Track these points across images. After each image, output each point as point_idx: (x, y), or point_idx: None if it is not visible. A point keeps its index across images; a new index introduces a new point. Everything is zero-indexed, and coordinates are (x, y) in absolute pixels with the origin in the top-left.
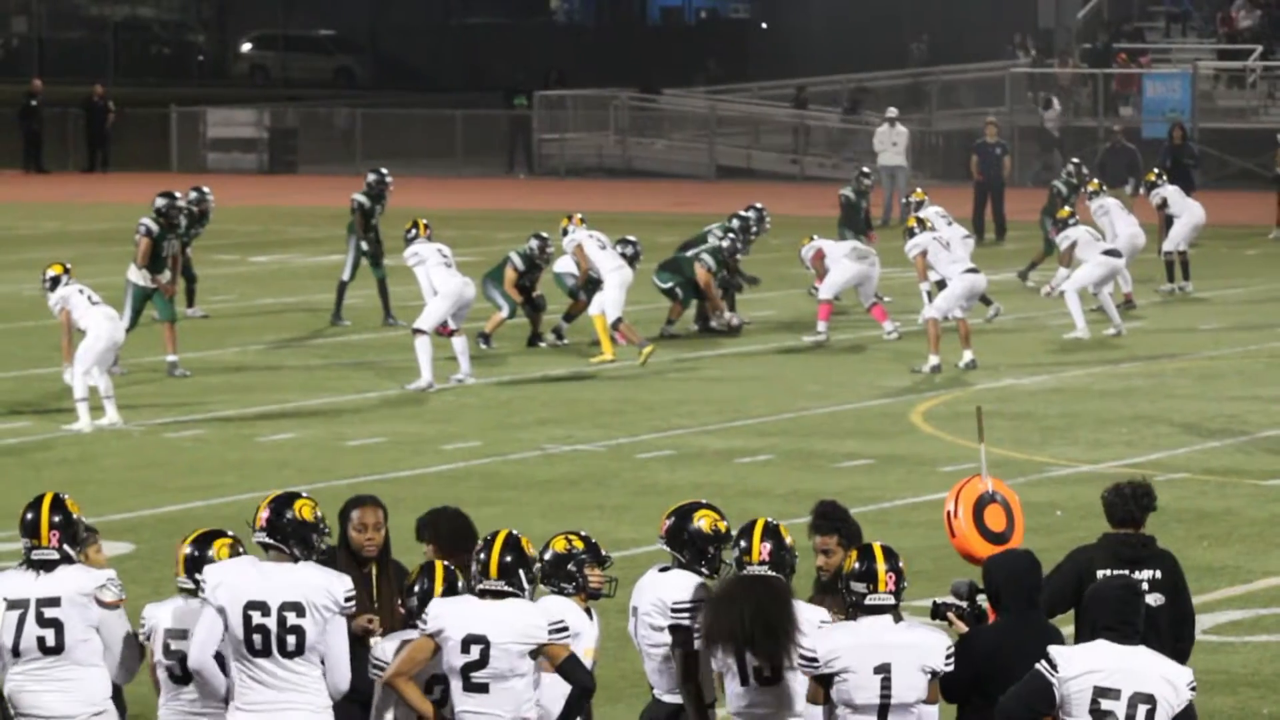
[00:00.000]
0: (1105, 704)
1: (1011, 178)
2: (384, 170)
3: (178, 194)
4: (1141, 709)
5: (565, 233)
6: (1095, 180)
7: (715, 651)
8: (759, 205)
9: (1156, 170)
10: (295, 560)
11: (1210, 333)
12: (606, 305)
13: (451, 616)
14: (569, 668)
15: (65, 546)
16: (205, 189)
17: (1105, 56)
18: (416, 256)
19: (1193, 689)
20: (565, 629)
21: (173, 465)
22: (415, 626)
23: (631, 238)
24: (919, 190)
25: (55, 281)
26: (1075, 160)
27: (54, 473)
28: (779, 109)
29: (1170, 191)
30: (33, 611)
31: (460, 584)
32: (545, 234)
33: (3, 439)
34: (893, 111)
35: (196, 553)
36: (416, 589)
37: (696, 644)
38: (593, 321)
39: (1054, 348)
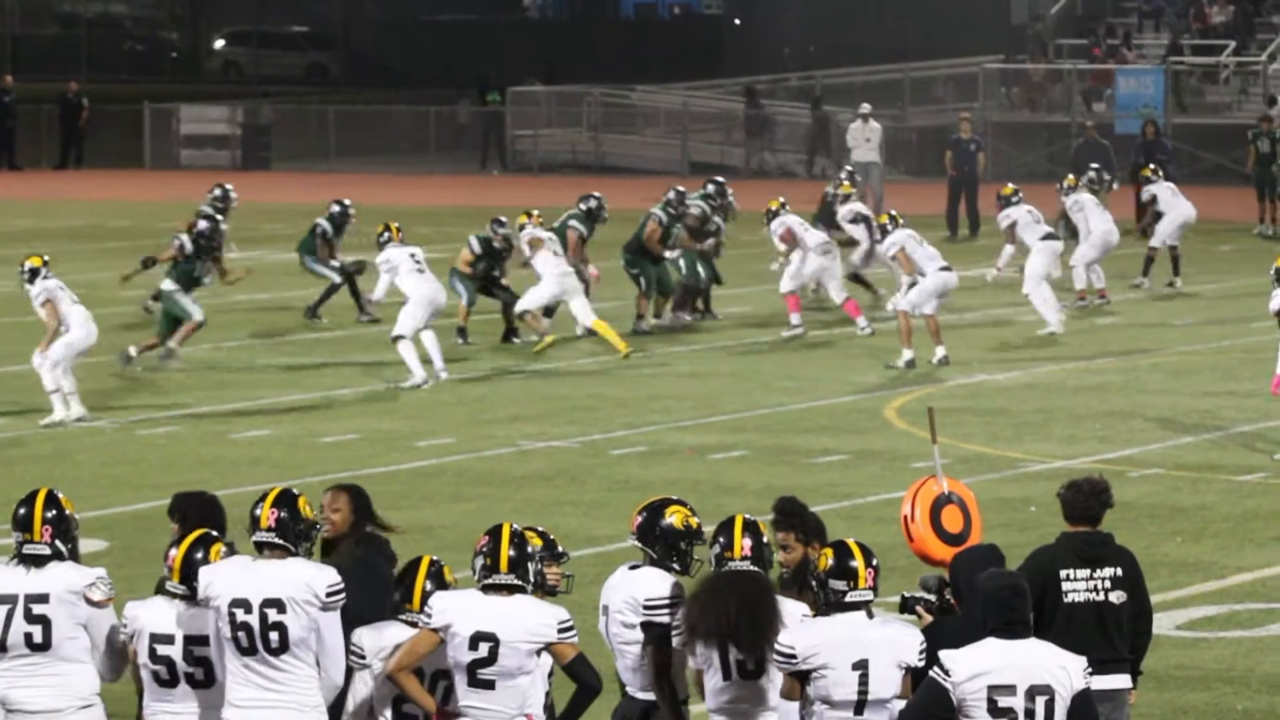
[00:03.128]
0: (1002, 701)
1: (985, 173)
2: (347, 202)
3: (221, 220)
4: (1040, 700)
5: (521, 228)
6: (1071, 176)
7: (697, 646)
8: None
9: (1152, 166)
10: (292, 556)
11: (1184, 328)
12: (528, 295)
13: (459, 612)
14: (577, 667)
15: (57, 542)
16: (228, 186)
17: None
18: (388, 263)
19: (1089, 674)
20: (572, 627)
21: (146, 462)
22: (401, 618)
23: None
24: (845, 183)
25: (34, 274)
26: (1095, 165)
27: (27, 469)
28: (752, 105)
29: (1161, 188)
30: (21, 607)
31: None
32: (504, 219)
33: None
34: (866, 107)
35: (197, 555)
36: (405, 581)
37: (676, 640)
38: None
39: (1027, 343)
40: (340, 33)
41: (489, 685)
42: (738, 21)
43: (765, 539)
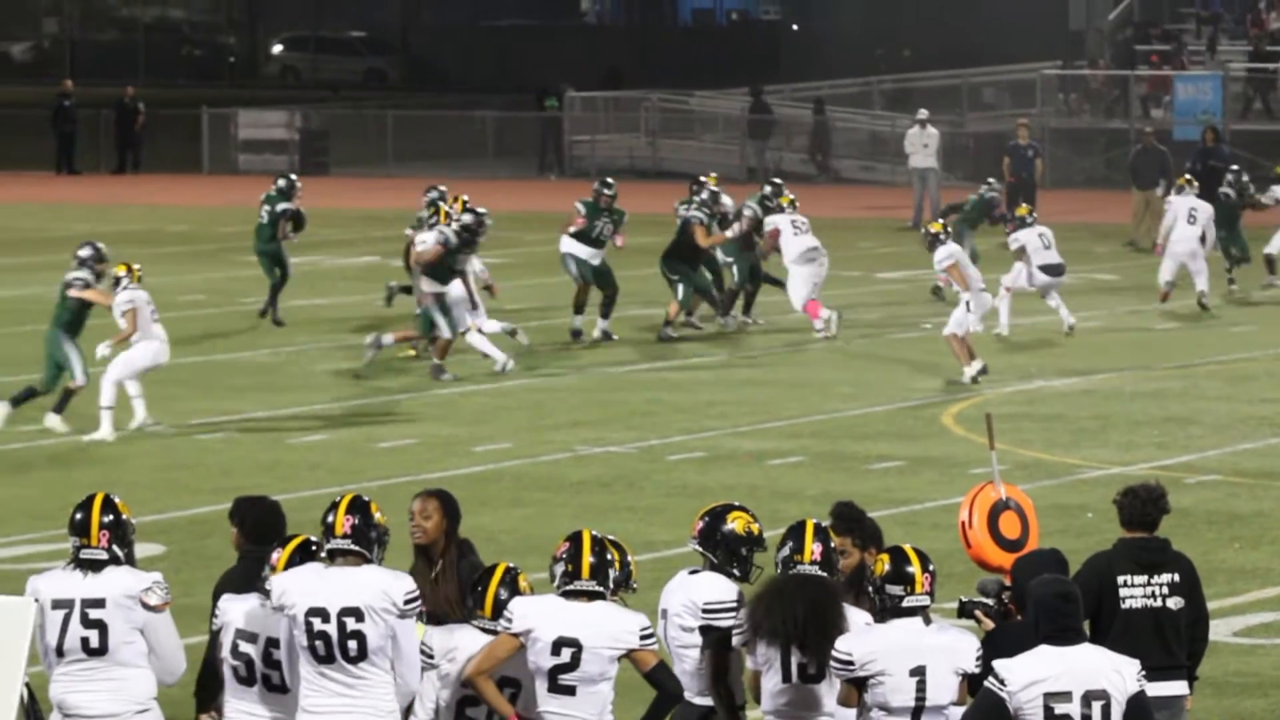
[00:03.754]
0: (1059, 708)
1: (1043, 179)
2: (294, 176)
3: (485, 213)
4: (1096, 705)
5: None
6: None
7: (759, 646)
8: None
9: (1188, 176)
10: (367, 563)
11: (1242, 335)
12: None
13: (541, 617)
14: (658, 674)
15: (114, 547)
16: (482, 212)
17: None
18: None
19: (1142, 676)
20: (653, 634)
21: (204, 467)
22: (474, 623)
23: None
24: (786, 195)
25: (116, 281)
26: (1235, 168)
27: (85, 474)
28: (809, 111)
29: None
30: (78, 612)
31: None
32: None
33: (35, 440)
34: (923, 113)
35: (300, 559)
36: (479, 586)
37: (736, 639)
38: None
39: (1085, 350)
40: (398, 37)
41: (570, 691)
42: (795, 27)
43: (835, 546)
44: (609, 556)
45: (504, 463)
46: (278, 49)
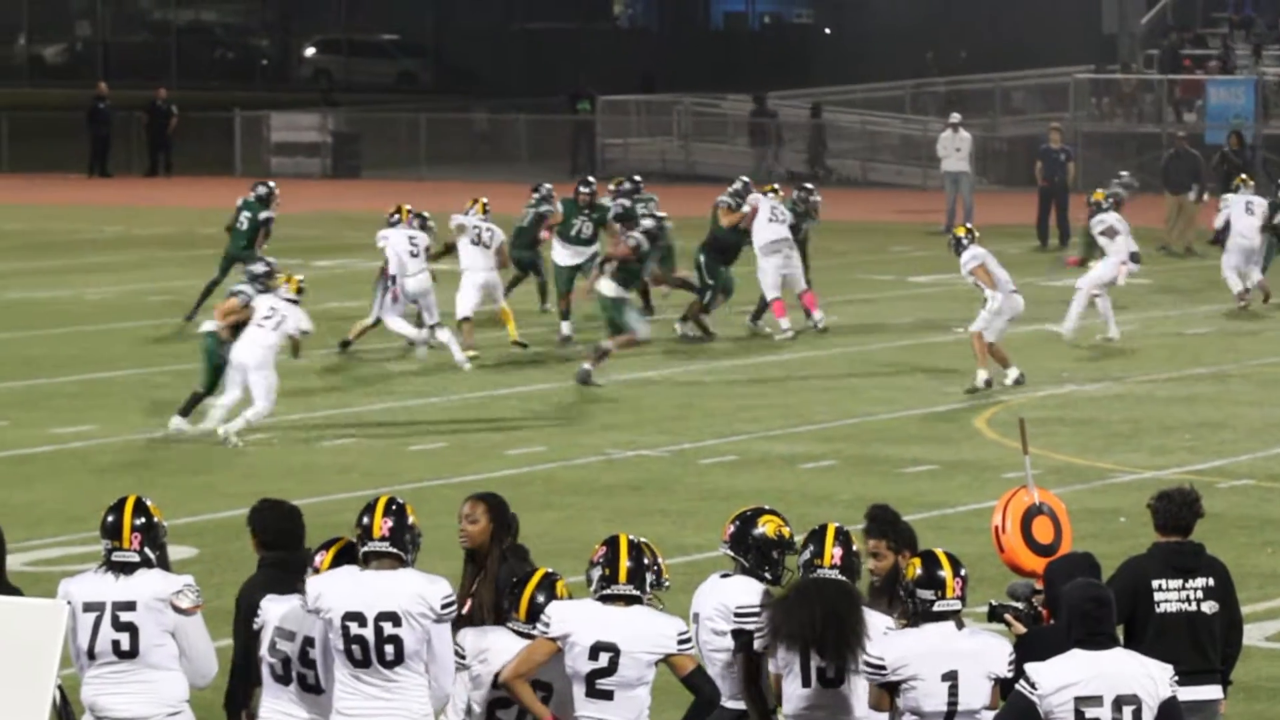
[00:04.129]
0: (1089, 712)
1: (1075, 183)
2: (272, 183)
3: (666, 218)
4: (1127, 710)
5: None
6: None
7: (779, 650)
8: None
9: (1243, 176)
10: (403, 566)
11: (1274, 339)
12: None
13: (579, 622)
14: (696, 679)
15: (146, 549)
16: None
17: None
18: (385, 239)
19: (1175, 681)
20: (691, 639)
21: (236, 470)
22: (509, 626)
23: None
24: (771, 184)
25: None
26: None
27: (117, 476)
28: (842, 114)
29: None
30: (109, 615)
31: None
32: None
33: (68, 442)
34: (956, 117)
35: (344, 561)
36: (516, 590)
37: (757, 643)
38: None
39: (1116, 354)
40: (430, 41)
41: (608, 695)
42: (828, 31)
43: (856, 550)
44: (646, 561)
45: (536, 466)
46: (310, 52)
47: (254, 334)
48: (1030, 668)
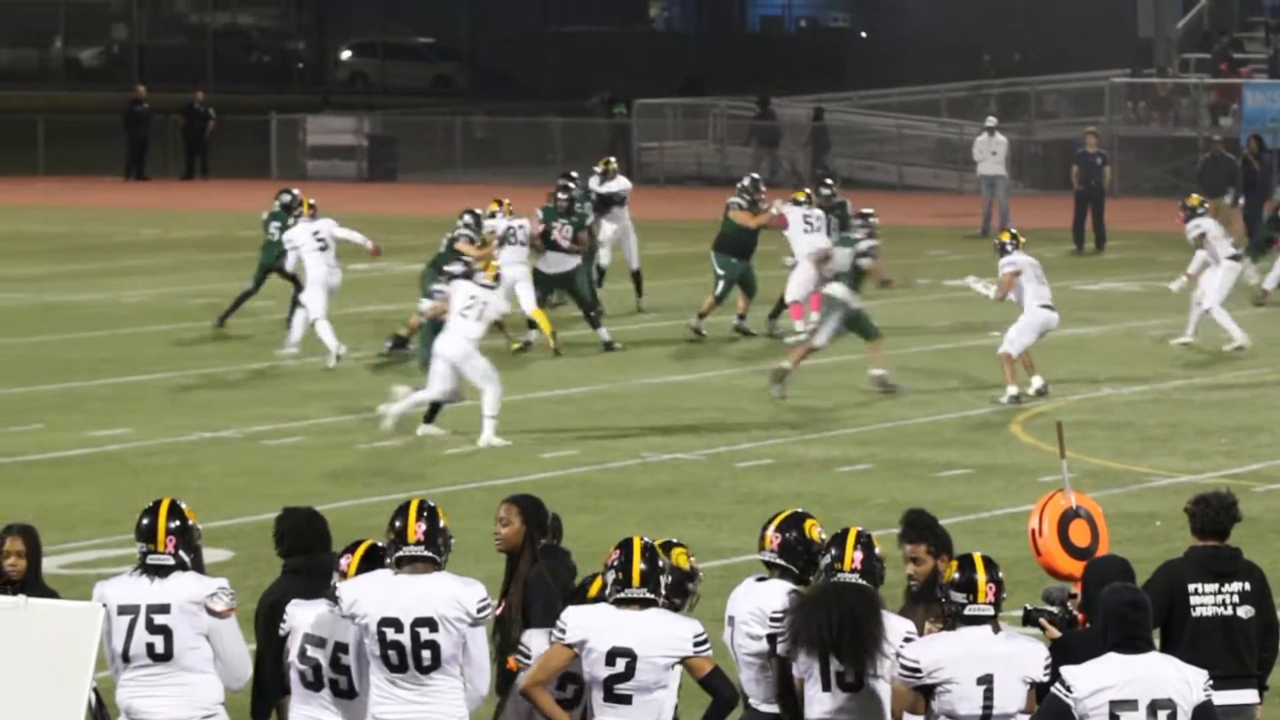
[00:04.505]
0: (1124, 716)
1: (1111, 187)
2: (295, 191)
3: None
4: (1162, 714)
5: (492, 215)
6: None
7: (799, 655)
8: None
9: None
10: (437, 570)
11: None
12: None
13: (594, 628)
14: (713, 680)
15: (180, 552)
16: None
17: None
18: (290, 242)
19: (1209, 686)
20: (707, 640)
21: (271, 472)
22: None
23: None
24: (803, 191)
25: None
26: None
27: (153, 479)
28: (878, 118)
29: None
30: (143, 618)
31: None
32: (478, 210)
33: (104, 445)
34: (991, 121)
35: (369, 564)
36: (579, 595)
37: (780, 648)
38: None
39: (1152, 358)
40: (466, 44)
41: (626, 700)
42: (864, 34)
43: (879, 553)
44: (660, 563)
45: (571, 469)
46: (346, 55)
47: (456, 325)
48: (1066, 670)
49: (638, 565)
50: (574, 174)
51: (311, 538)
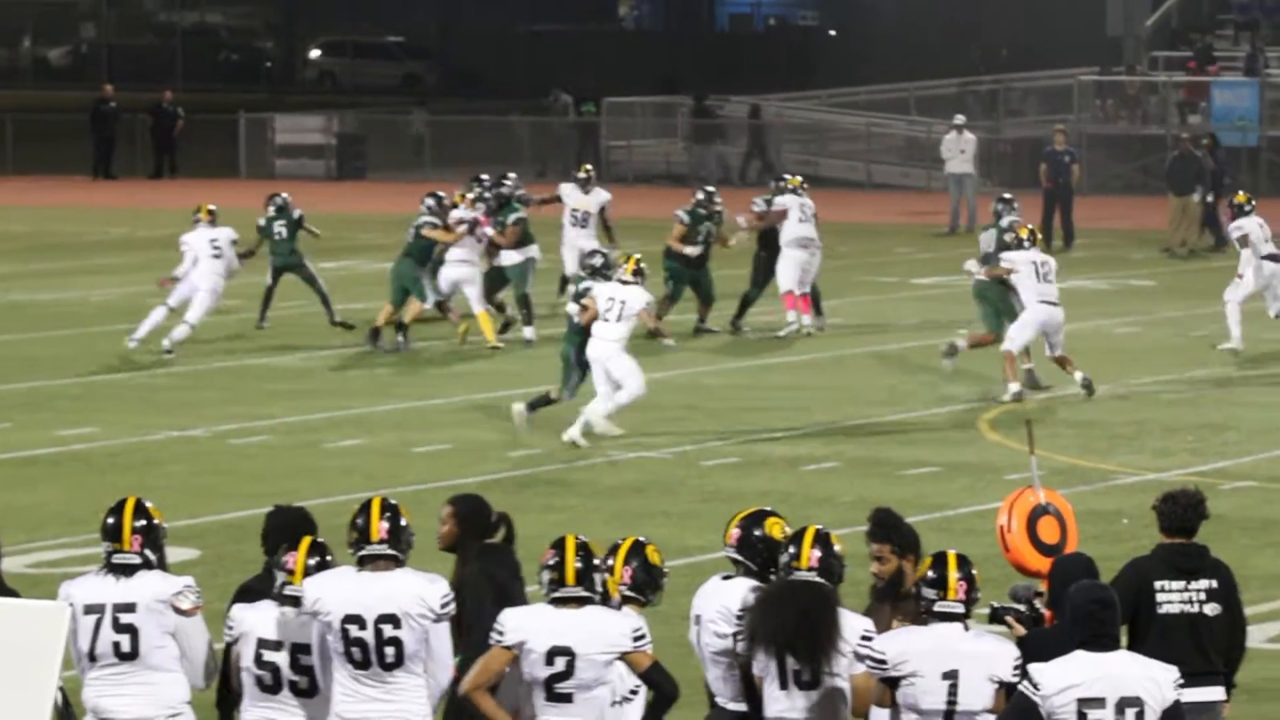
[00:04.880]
0: (1092, 714)
1: (1080, 185)
2: (285, 194)
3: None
4: (1130, 712)
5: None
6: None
7: (757, 653)
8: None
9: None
10: (399, 567)
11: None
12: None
13: (532, 629)
14: (654, 674)
15: (146, 551)
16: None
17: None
18: (186, 245)
19: (1179, 685)
20: (645, 635)
21: (239, 472)
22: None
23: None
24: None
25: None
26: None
27: (119, 478)
28: (846, 115)
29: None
30: (109, 616)
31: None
32: (441, 193)
33: (70, 445)
34: (960, 119)
35: (311, 562)
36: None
37: (739, 647)
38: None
39: (1120, 355)
40: (435, 43)
41: (567, 699)
42: (833, 33)
43: (837, 551)
44: (595, 561)
45: (539, 468)
46: (315, 54)
47: (599, 329)
48: (1034, 668)
49: (572, 564)
50: (484, 176)
51: (284, 535)
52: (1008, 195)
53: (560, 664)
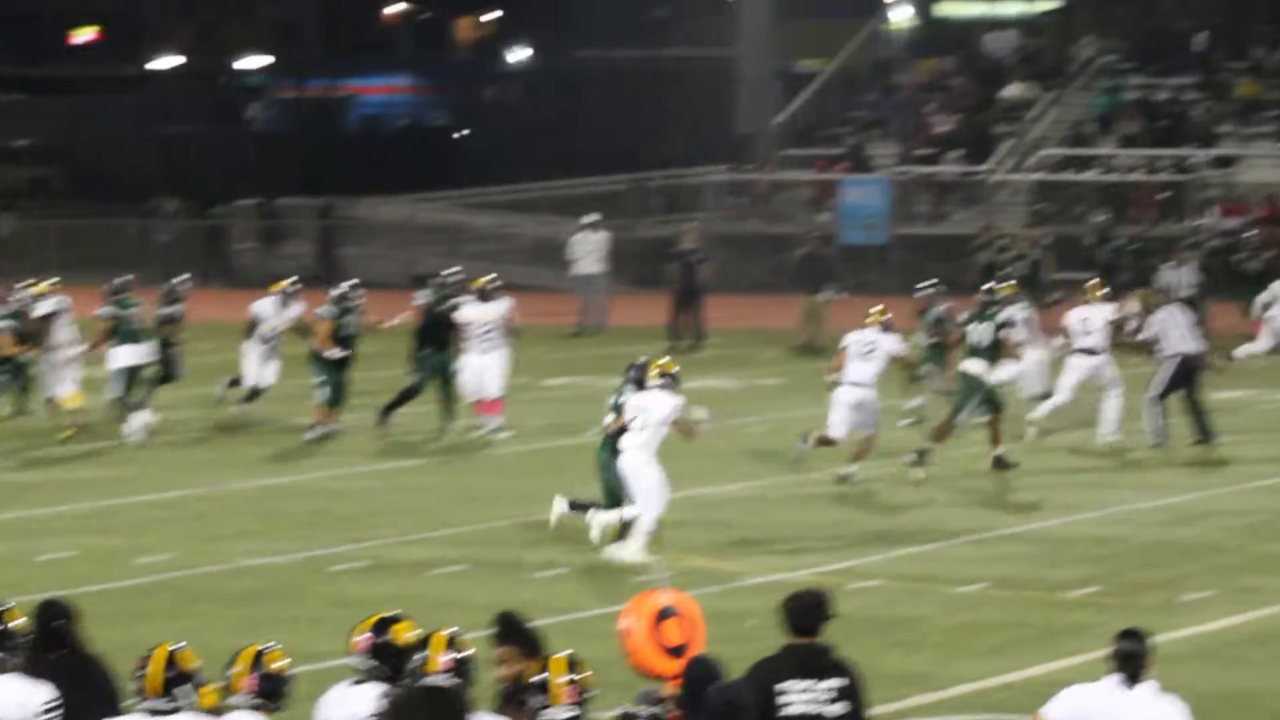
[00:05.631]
0: None
1: (708, 284)
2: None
3: None
4: None
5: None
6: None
7: None
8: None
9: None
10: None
11: (906, 433)
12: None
13: None
14: None
15: None
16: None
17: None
18: None
19: None
20: None
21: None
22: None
23: None
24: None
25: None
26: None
27: None
28: (476, 216)
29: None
30: None
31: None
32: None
33: None
34: (593, 217)
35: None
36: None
37: None
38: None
39: (750, 455)
40: (63, 146)
41: None
42: (458, 134)
43: (469, 654)
44: (187, 670)
45: (164, 574)
46: None
47: (626, 440)
48: None
49: (160, 675)
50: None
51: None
52: (991, 285)
53: None
